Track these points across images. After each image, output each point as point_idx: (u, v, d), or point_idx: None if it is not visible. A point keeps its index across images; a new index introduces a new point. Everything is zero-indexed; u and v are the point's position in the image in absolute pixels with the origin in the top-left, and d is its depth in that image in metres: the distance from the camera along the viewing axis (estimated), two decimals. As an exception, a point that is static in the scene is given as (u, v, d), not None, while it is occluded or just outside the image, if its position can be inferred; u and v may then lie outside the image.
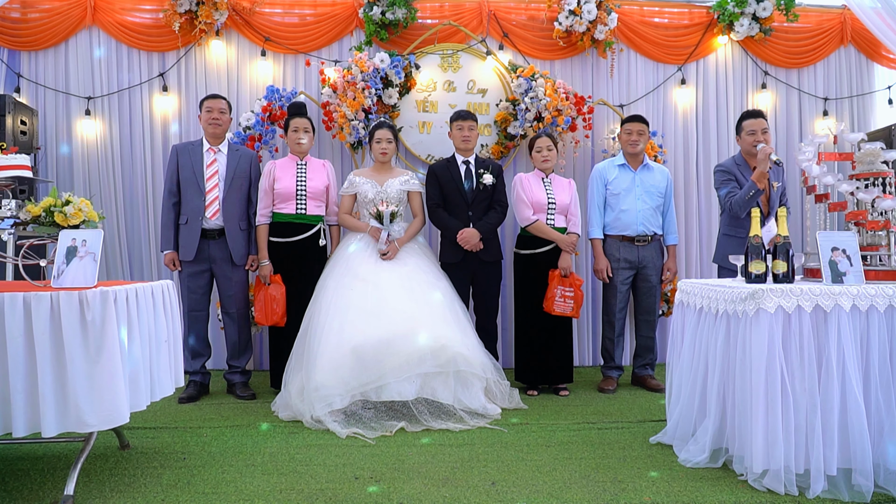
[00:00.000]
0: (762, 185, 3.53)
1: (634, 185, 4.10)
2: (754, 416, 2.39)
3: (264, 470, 2.67)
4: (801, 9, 4.96)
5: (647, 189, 4.10)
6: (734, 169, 3.79)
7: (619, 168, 4.15)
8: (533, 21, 4.86)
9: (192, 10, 4.47)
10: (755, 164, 3.61)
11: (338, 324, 3.38)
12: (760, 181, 3.52)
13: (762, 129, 3.72)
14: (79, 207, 2.61)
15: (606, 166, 4.20)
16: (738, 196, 3.64)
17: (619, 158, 4.18)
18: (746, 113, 3.87)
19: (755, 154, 3.62)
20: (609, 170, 4.17)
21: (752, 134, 3.73)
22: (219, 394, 4.00)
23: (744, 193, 3.59)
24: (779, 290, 2.43)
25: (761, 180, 3.52)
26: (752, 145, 3.69)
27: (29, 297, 2.27)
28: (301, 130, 3.95)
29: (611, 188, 4.12)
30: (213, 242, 3.87)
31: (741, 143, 3.85)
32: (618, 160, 4.18)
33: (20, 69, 4.64)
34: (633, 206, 4.07)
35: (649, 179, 4.12)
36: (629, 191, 4.09)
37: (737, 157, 3.88)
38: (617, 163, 4.17)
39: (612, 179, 4.13)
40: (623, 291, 4.14)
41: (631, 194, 4.09)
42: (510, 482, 2.53)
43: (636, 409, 3.64)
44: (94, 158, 4.66)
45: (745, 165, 3.80)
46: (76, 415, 2.27)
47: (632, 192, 4.09)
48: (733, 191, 3.70)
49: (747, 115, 3.83)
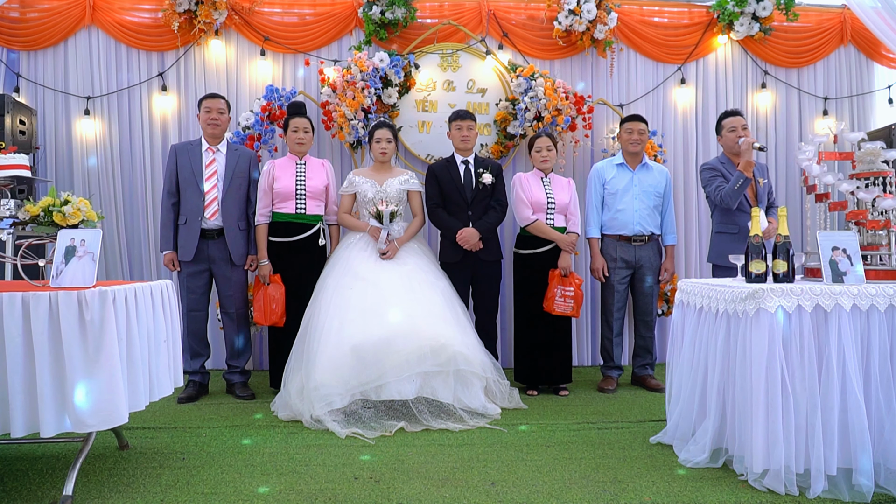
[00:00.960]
0: (749, 175, 3.66)
1: (632, 184, 4.10)
2: (754, 415, 2.39)
3: (263, 470, 2.66)
4: (801, 8, 4.95)
5: (644, 189, 4.10)
6: (719, 166, 3.91)
7: (618, 167, 4.15)
8: (532, 20, 4.86)
9: (192, 9, 4.46)
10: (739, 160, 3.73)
11: (337, 323, 3.37)
12: (747, 170, 3.65)
13: (741, 125, 3.86)
14: (77, 207, 2.61)
15: (605, 165, 4.20)
16: (726, 188, 3.75)
17: (618, 158, 4.18)
18: (725, 113, 4.01)
19: (738, 150, 3.74)
20: (607, 169, 4.17)
21: (733, 130, 3.86)
22: (218, 394, 3.99)
23: (732, 184, 3.70)
24: (779, 290, 2.43)
25: (748, 169, 3.65)
26: (735, 141, 3.81)
27: (28, 297, 2.27)
28: (301, 130, 3.95)
29: (608, 187, 4.12)
30: (212, 242, 3.87)
31: (723, 142, 3.98)
32: (616, 159, 4.18)
33: (19, 69, 4.64)
34: (631, 205, 4.08)
35: (648, 179, 4.12)
36: (627, 190, 4.09)
37: (721, 156, 4.00)
38: (615, 162, 4.17)
39: (609, 179, 4.13)
40: (621, 291, 4.14)
41: (629, 194, 4.09)
42: (510, 482, 2.53)
43: (636, 409, 3.64)
44: (93, 158, 4.66)
45: (730, 163, 3.90)
46: (75, 415, 2.27)
47: (629, 192, 4.09)
48: (721, 185, 3.80)
49: (726, 115, 3.98)
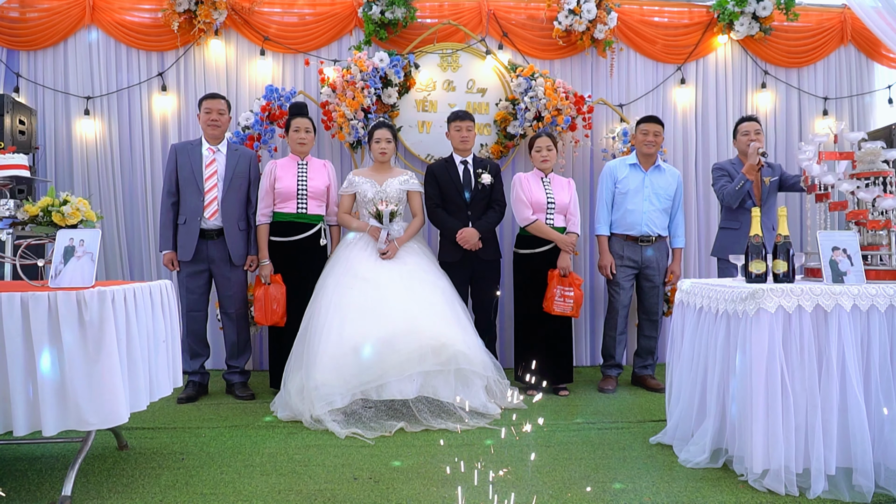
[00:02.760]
0: (751, 177, 3.85)
1: (643, 185, 4.10)
2: (754, 416, 2.39)
3: (263, 470, 2.66)
4: (802, 8, 4.95)
5: (655, 190, 4.11)
6: (729, 167, 4.07)
7: (630, 167, 4.16)
8: (532, 20, 4.86)
9: (191, 9, 4.46)
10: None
11: (338, 323, 3.37)
12: (749, 173, 3.84)
13: (755, 130, 4.03)
14: (76, 207, 2.60)
15: (618, 164, 4.21)
16: (728, 188, 3.95)
17: (632, 157, 4.19)
18: (743, 118, 4.18)
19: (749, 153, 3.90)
20: (620, 168, 4.18)
21: (746, 135, 4.05)
22: (218, 394, 3.99)
23: (734, 185, 3.90)
24: (779, 290, 2.42)
25: (750, 172, 3.84)
26: (746, 144, 4.00)
27: (27, 297, 2.27)
28: (302, 130, 3.95)
29: (619, 187, 4.14)
30: (212, 242, 3.86)
31: (737, 145, 4.13)
32: (630, 159, 4.19)
33: (19, 69, 4.64)
34: (640, 206, 4.08)
35: (659, 181, 4.13)
36: (637, 191, 4.10)
37: (734, 158, 4.17)
38: (629, 162, 4.18)
39: (621, 178, 4.14)
40: (626, 289, 4.15)
41: (639, 195, 4.10)
42: (510, 482, 2.52)
43: (636, 409, 3.64)
44: (92, 158, 4.65)
45: (740, 164, 4.04)
46: (76, 414, 2.27)
47: (640, 193, 4.10)
48: (725, 185, 4.00)
49: (743, 120, 4.14)
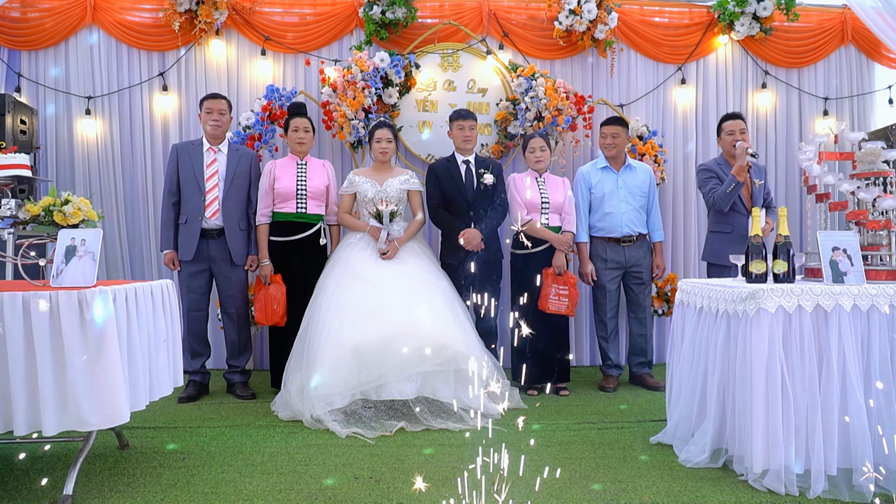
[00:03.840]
0: (741, 179, 3.72)
1: (618, 186, 4.12)
2: (755, 416, 2.39)
3: (264, 470, 2.67)
4: (802, 8, 4.95)
5: (630, 190, 4.12)
6: (716, 168, 3.97)
7: (602, 171, 4.17)
8: (533, 20, 4.86)
9: (192, 9, 4.46)
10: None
11: (338, 323, 3.37)
12: (740, 175, 3.72)
13: (740, 129, 3.92)
14: (78, 207, 2.61)
15: (589, 169, 4.23)
16: (719, 191, 3.82)
17: (602, 161, 4.20)
18: (726, 115, 4.08)
19: (735, 153, 3.81)
20: (592, 173, 4.19)
21: (731, 134, 3.93)
22: (218, 393, 3.99)
23: (725, 187, 3.77)
24: (779, 290, 2.42)
25: (740, 174, 3.72)
26: (732, 144, 3.88)
27: (28, 297, 2.27)
28: (301, 130, 3.95)
29: (594, 191, 4.15)
30: (213, 242, 3.87)
31: (722, 144, 4.05)
32: (600, 163, 4.20)
33: (20, 69, 4.64)
34: (618, 207, 4.09)
35: (632, 180, 4.15)
36: (613, 193, 4.11)
37: (718, 158, 4.08)
38: (599, 165, 4.19)
39: (595, 182, 4.15)
40: (612, 291, 4.16)
41: (615, 196, 4.11)
42: (510, 482, 2.52)
43: (636, 408, 3.64)
44: (94, 158, 4.66)
45: (727, 164, 3.96)
46: (77, 414, 2.27)
47: (615, 194, 4.11)
48: (715, 187, 3.87)
49: (727, 118, 4.03)
